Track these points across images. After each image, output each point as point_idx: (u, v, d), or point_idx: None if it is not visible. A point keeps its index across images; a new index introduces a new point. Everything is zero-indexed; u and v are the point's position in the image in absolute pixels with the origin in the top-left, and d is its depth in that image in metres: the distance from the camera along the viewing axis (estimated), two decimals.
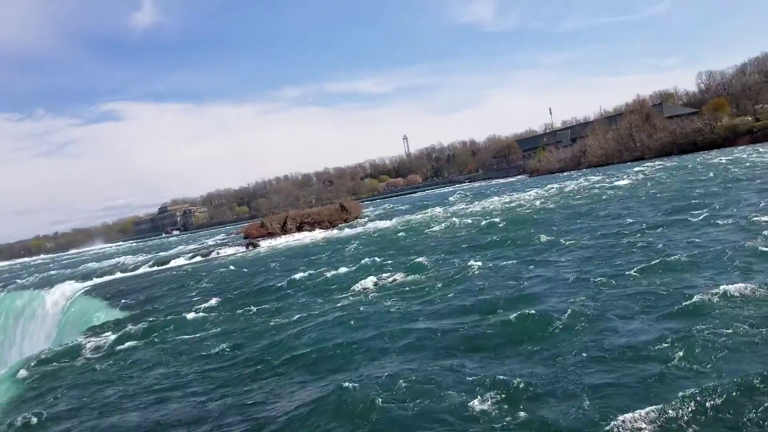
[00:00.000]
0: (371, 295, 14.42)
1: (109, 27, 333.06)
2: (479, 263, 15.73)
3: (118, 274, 33.65)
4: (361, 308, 12.64)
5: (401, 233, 28.88)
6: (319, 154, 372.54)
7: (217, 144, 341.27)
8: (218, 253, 36.27)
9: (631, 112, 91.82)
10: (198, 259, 35.54)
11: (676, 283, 10.52)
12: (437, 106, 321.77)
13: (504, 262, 15.74)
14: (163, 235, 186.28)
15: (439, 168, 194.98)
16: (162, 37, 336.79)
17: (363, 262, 19.72)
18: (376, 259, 20.00)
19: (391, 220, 40.56)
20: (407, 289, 14.39)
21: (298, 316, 13.30)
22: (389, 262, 19.30)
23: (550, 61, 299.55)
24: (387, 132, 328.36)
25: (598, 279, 11.82)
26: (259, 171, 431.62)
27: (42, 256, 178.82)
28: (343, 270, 19.04)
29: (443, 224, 29.40)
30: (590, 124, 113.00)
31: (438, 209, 43.64)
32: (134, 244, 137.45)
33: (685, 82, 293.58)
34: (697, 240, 14.24)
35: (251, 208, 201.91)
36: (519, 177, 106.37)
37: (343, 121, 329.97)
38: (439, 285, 14.09)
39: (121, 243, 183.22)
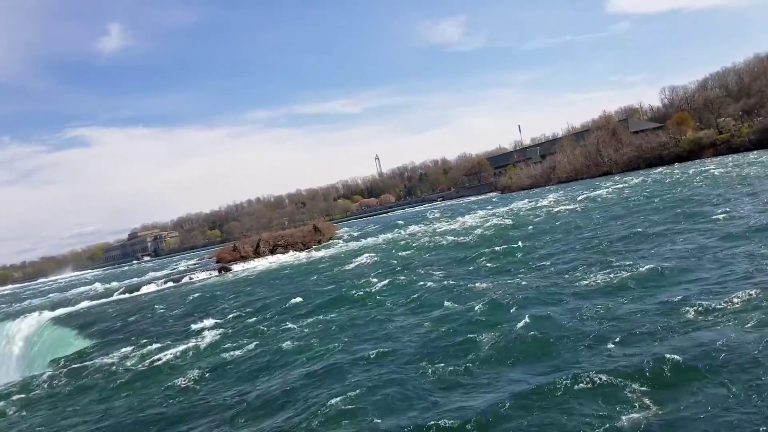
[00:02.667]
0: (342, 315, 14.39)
1: (76, 52, 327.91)
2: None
3: (88, 303, 32.95)
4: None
5: (373, 254, 28.90)
6: (291, 176, 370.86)
7: (188, 168, 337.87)
8: (190, 278, 35.81)
9: (598, 128, 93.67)
10: (170, 284, 35.04)
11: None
12: (408, 126, 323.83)
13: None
14: (134, 261, 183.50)
15: (412, 187, 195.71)
16: (130, 62, 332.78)
17: (338, 286, 19.68)
18: (348, 282, 19.98)
19: (364, 240, 40.56)
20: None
21: (275, 346, 13.20)
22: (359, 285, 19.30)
23: (518, 79, 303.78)
24: (359, 152, 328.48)
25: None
26: (231, 194, 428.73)
27: (9, 286, 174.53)
28: (321, 293, 18.98)
29: (416, 244, 29.51)
30: (559, 141, 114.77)
31: (412, 228, 43.73)
32: (104, 271, 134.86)
33: (649, 97, 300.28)
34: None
35: (223, 232, 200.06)
36: (490, 194, 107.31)
37: (314, 142, 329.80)
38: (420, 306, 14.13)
39: (90, 270, 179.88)
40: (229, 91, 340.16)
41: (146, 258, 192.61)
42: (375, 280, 19.38)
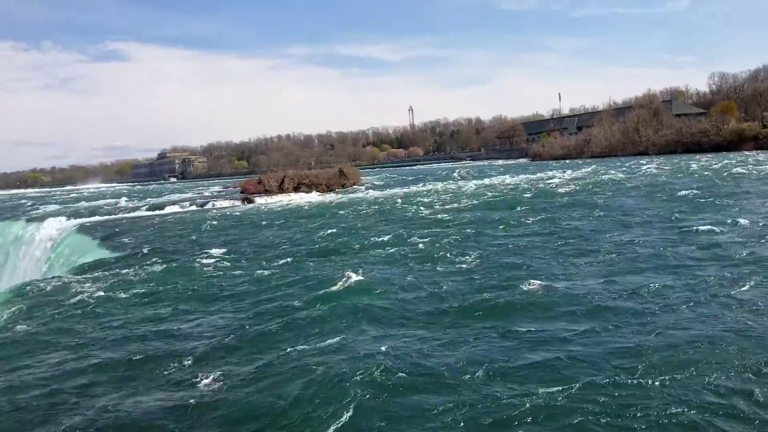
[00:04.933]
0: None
1: None
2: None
3: (112, 215, 33.63)
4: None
5: (397, 204, 28.94)
6: (322, 116, 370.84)
7: (222, 95, 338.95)
8: (213, 205, 36.33)
9: (640, 106, 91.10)
10: (193, 208, 35.62)
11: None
12: (446, 80, 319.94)
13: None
14: (161, 180, 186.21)
15: (442, 143, 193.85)
16: None
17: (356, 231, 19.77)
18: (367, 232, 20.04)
19: (388, 190, 40.58)
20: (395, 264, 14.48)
21: (289, 279, 13.39)
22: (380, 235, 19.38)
23: (565, 46, 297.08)
24: (393, 101, 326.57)
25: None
26: (261, 127, 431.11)
27: (38, 189, 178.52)
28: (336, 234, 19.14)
29: (436, 201, 29.47)
30: (598, 114, 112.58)
31: (435, 185, 43.57)
32: (131, 186, 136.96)
33: (697, 81, 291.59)
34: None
35: (250, 164, 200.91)
36: (520, 160, 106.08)
37: (350, 85, 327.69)
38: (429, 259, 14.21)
39: (117, 184, 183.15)
40: (271, 22, 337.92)
41: (173, 179, 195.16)
42: (387, 233, 19.49)
